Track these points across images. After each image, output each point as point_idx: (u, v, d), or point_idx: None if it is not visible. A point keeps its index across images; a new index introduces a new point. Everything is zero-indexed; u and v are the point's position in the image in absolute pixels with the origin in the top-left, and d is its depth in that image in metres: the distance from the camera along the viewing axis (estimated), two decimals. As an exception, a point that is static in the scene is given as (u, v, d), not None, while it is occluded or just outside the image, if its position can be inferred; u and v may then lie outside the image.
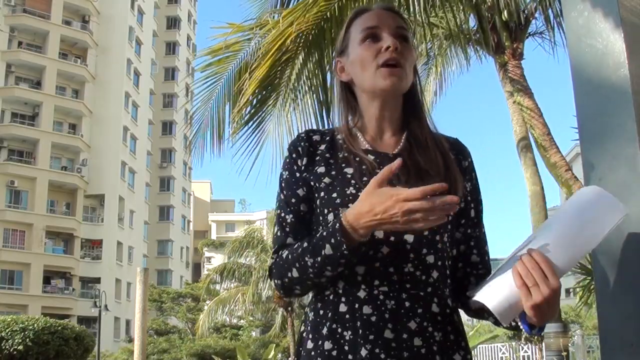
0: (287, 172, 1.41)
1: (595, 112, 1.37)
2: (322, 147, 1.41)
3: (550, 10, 6.63)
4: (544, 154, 6.25)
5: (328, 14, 5.15)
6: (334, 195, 1.32)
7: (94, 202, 47.02)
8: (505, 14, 6.27)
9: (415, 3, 5.24)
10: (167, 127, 59.05)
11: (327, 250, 1.22)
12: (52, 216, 43.68)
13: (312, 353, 1.29)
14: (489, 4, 6.26)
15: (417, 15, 5.28)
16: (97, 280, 43.80)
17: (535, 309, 1.12)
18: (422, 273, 1.28)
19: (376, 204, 1.15)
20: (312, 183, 1.37)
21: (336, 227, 1.21)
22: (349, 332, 1.26)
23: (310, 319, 1.34)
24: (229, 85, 5.96)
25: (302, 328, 1.37)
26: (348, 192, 1.31)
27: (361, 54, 1.38)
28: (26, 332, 11.99)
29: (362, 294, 1.27)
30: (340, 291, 1.30)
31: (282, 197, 1.40)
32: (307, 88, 5.57)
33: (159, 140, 58.13)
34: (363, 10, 1.44)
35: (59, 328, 12.60)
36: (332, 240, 1.22)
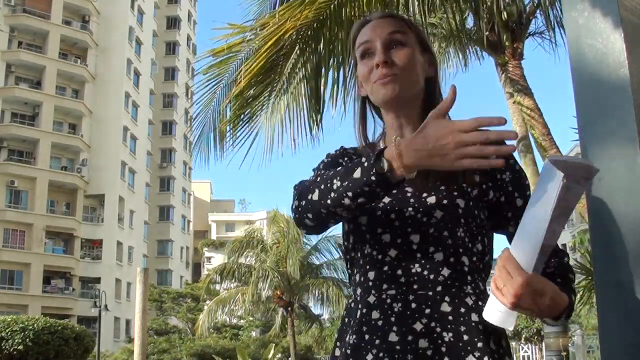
0: (334, 154, 1.48)
1: (595, 112, 1.37)
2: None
3: (550, 10, 6.63)
4: (543, 154, 6.25)
5: (327, 11, 5.14)
6: None
7: (94, 202, 47.01)
8: (505, 14, 6.27)
9: (416, 3, 5.23)
10: (167, 127, 59.04)
11: (357, 173, 1.17)
12: (52, 216, 43.66)
13: None
14: (489, 3, 6.26)
15: (418, 16, 5.27)
16: (97, 280, 43.81)
17: (516, 307, 1.10)
18: (430, 272, 1.27)
19: (430, 132, 1.11)
20: None
21: (376, 151, 1.16)
22: (354, 337, 1.29)
23: (339, 327, 1.39)
24: (230, 86, 5.94)
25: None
26: None
27: (361, 71, 1.41)
28: (26, 332, 12.00)
29: (372, 299, 1.30)
30: (358, 298, 1.34)
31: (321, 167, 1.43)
32: (302, 85, 5.56)
33: (159, 140, 58.12)
34: (361, 24, 1.45)
35: (59, 328, 12.62)
36: (365, 164, 1.16)
